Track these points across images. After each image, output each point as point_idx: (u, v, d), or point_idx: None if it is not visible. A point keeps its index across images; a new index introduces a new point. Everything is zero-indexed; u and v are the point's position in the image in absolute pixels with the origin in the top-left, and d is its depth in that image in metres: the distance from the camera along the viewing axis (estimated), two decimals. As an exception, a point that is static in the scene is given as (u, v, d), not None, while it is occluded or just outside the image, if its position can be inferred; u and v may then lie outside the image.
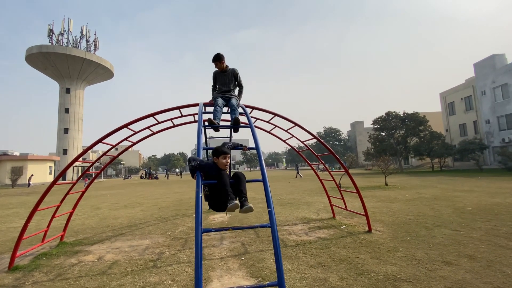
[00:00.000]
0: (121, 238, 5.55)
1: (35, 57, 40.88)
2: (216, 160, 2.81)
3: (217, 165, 2.80)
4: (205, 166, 2.73)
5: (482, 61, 30.21)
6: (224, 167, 2.79)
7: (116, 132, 4.72)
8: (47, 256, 4.47)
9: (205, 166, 2.73)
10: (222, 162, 2.79)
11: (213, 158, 2.86)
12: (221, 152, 2.79)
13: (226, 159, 2.82)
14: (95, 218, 8.01)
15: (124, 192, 17.47)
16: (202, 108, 4.18)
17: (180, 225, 6.55)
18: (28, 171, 32.29)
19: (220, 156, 2.80)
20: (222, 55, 4.14)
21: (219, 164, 2.79)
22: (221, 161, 2.78)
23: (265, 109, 5.63)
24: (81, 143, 45.16)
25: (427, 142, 31.44)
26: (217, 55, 4.11)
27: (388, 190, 12.17)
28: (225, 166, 2.79)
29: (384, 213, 6.98)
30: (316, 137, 5.95)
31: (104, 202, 12.18)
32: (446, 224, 5.57)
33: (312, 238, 4.97)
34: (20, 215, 9.05)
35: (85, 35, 44.39)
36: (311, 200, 9.93)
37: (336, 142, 68.72)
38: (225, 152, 2.80)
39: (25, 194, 18.83)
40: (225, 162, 2.79)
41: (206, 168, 2.72)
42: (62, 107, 43.15)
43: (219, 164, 2.79)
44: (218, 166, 2.79)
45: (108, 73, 48.01)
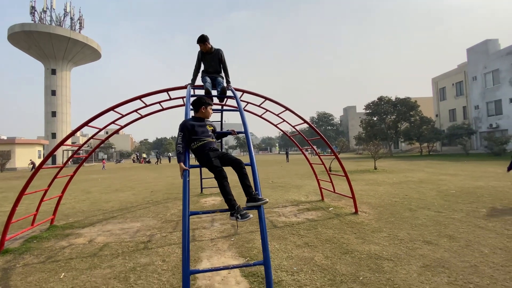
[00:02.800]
0: (112, 221, 5.58)
1: (17, 36, 38.78)
2: (204, 110, 2.95)
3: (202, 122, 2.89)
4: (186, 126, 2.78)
5: (475, 46, 30.24)
6: (209, 116, 3.01)
7: (104, 115, 4.63)
8: (37, 239, 4.49)
9: (187, 126, 2.78)
10: (204, 113, 2.96)
11: (200, 108, 2.96)
12: (202, 103, 2.96)
13: (208, 109, 2.99)
14: (86, 202, 8.00)
15: (115, 176, 17.39)
16: (190, 90, 4.10)
17: (171, 208, 6.62)
18: (16, 155, 31.62)
19: (209, 106, 2.98)
20: (206, 36, 4.15)
21: (202, 115, 2.96)
22: (202, 112, 2.96)
23: (256, 93, 5.57)
24: (70, 127, 44.11)
25: (417, 127, 31.96)
26: (202, 37, 4.13)
27: (377, 174, 12.47)
28: (208, 115, 3.00)
29: (371, 196, 7.19)
30: (306, 122, 5.96)
31: (95, 186, 12.13)
32: (429, 206, 5.79)
33: (301, 220, 5.11)
34: (10, 199, 8.96)
35: (69, 13, 42.13)
36: (301, 184, 10.11)
37: (328, 127, 69.08)
38: (204, 101, 2.96)
39: (14, 178, 18.55)
40: (211, 112, 3.03)
41: (189, 128, 2.78)
42: (48, 90, 41.64)
43: (203, 115, 2.97)
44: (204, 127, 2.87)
45: (95, 53, 46.15)
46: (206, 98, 3.01)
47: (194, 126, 2.80)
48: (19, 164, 31.70)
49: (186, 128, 2.77)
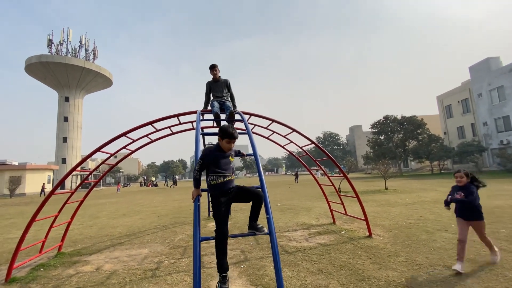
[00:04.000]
0: (119, 247, 5.49)
1: (34, 66, 41.10)
2: (220, 141, 2.73)
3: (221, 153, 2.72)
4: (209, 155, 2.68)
5: (477, 64, 30.53)
6: (227, 150, 2.74)
7: (115, 141, 4.73)
8: (44, 267, 4.42)
9: (209, 156, 2.68)
10: (226, 146, 2.71)
11: (218, 139, 2.79)
12: (228, 135, 2.69)
13: (231, 144, 2.74)
14: (93, 227, 7.94)
15: (123, 201, 17.36)
16: (200, 115, 4.21)
17: (179, 233, 6.50)
18: (26, 180, 32.13)
19: (225, 139, 2.70)
20: (217, 65, 4.73)
21: (222, 146, 2.72)
22: (225, 144, 2.70)
23: (262, 115, 5.65)
24: (80, 152, 45.05)
25: (426, 145, 31.52)
26: (214, 64, 4.68)
27: (388, 194, 12.14)
28: (228, 149, 2.74)
29: (384, 218, 6.95)
30: (314, 143, 5.96)
31: (102, 211, 12.10)
32: (446, 227, 5.55)
33: (312, 244, 4.94)
34: (18, 226, 8.97)
35: (84, 44, 44.77)
36: (311, 206, 9.89)
37: (335, 147, 68.74)
38: (233, 137, 2.70)
39: (23, 204, 18.70)
40: (229, 147, 2.76)
41: (210, 158, 2.68)
42: (61, 116, 43.19)
43: (223, 146, 2.72)
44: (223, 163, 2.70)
45: (107, 81, 48.24)
46: (232, 132, 2.71)
47: (217, 158, 2.68)
48: (28, 190, 32.11)
49: (208, 157, 2.68)
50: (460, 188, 3.72)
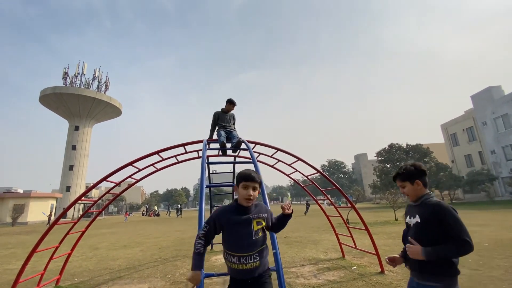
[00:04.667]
0: (118, 281, 5.25)
1: (48, 97, 43.02)
2: (235, 190, 1.89)
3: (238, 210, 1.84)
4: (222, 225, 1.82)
5: (479, 93, 30.97)
6: (245, 202, 1.81)
7: (121, 170, 4.76)
8: (39, 303, 4.21)
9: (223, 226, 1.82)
10: (242, 194, 1.83)
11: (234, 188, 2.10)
12: (244, 177, 1.85)
13: (249, 189, 1.81)
14: (93, 259, 7.68)
15: (124, 231, 16.96)
16: (206, 144, 4.27)
17: (180, 267, 6.23)
18: (30, 209, 31.90)
19: (241, 183, 1.85)
20: (236, 103, 5.02)
21: (239, 199, 1.86)
22: (241, 192, 1.84)
23: (267, 144, 5.70)
24: (84, 180, 45.18)
25: (434, 173, 30.90)
26: (234, 101, 4.98)
27: (399, 226, 11.64)
28: (246, 201, 1.81)
29: (396, 251, 6.56)
30: (320, 172, 5.91)
31: (103, 241, 11.78)
32: (463, 262, 5.22)
33: (322, 281, 4.65)
34: (18, 256, 8.72)
35: (97, 77, 47.13)
36: (319, 238, 9.50)
37: (341, 175, 67.66)
38: (250, 178, 1.83)
39: (25, 233, 18.37)
40: (246, 193, 1.81)
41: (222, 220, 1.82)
42: (70, 144, 44.09)
43: (239, 197, 1.86)
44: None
45: (117, 111, 49.87)
46: (249, 172, 1.87)
47: (233, 224, 1.78)
48: (31, 218, 31.72)
49: (219, 222, 1.82)
50: None
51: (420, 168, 1.95)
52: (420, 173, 1.93)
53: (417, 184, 1.92)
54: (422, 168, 1.95)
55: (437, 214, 1.74)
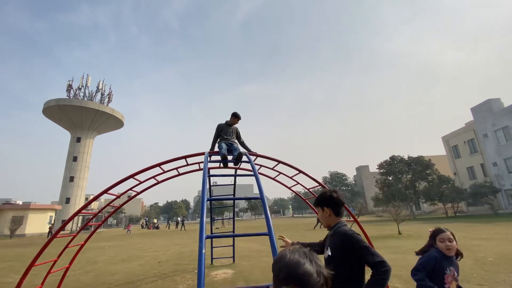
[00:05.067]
0: (116, 297, 5.14)
1: (52, 109, 43.51)
2: None
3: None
4: None
5: (479, 105, 31.19)
6: None
7: (120, 182, 4.77)
8: (35, 319, 4.12)
9: None
10: None
11: None
12: None
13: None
14: (90, 273, 7.54)
15: (123, 244, 16.71)
16: (208, 157, 4.29)
17: (180, 282, 6.10)
18: (28, 221, 31.60)
19: None
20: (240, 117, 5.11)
21: None
22: None
23: (269, 157, 5.71)
24: (84, 192, 44.92)
25: (437, 186, 30.63)
26: (239, 115, 5.07)
27: (403, 240, 11.46)
28: None
29: (401, 266, 6.46)
30: (321, 184, 5.89)
31: (101, 255, 11.60)
32: (469, 278, 5.11)
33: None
34: (15, 269, 8.58)
35: (101, 89, 47.80)
36: (320, 251, 9.33)
37: (343, 187, 67.11)
38: None
39: (22, 245, 18.12)
40: None
41: None
42: (71, 156, 44.14)
43: None
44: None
45: (119, 122, 50.25)
46: None
47: None
48: (29, 231, 31.38)
49: None
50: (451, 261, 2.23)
51: (330, 195, 1.85)
52: (329, 201, 1.84)
53: (326, 212, 1.85)
54: (332, 196, 1.85)
55: (345, 243, 1.66)
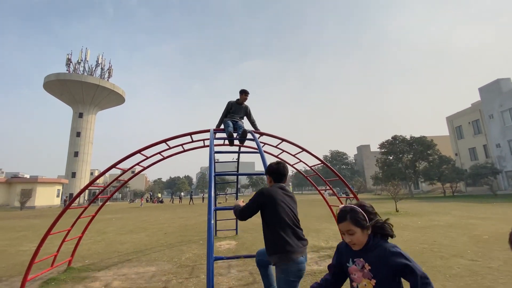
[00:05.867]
0: (127, 264, 5.48)
1: (52, 84, 43.10)
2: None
3: None
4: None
5: (487, 85, 30.44)
6: None
7: (128, 157, 4.88)
8: (55, 281, 4.44)
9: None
10: None
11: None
12: None
13: None
14: (101, 243, 7.96)
15: (129, 217, 17.37)
16: (213, 134, 4.35)
17: (186, 251, 6.45)
18: (37, 193, 32.62)
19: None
20: (248, 92, 4.97)
21: None
22: None
23: (273, 135, 5.76)
24: (89, 166, 45.82)
25: (437, 166, 30.86)
26: (246, 91, 4.94)
27: (399, 217, 11.80)
28: None
29: (396, 241, 6.71)
30: (324, 162, 5.99)
31: (110, 226, 12.12)
32: (462, 253, 5.35)
33: (323, 268, 4.82)
34: (29, 239, 9.06)
35: (100, 64, 46.93)
36: (320, 227, 9.69)
37: (343, 166, 67.83)
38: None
39: (33, 217, 18.90)
40: None
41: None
42: (74, 131, 44.48)
43: None
44: None
45: (120, 98, 49.92)
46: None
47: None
48: (38, 203, 32.50)
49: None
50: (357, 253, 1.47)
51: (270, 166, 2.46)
52: (269, 170, 2.43)
53: (268, 178, 2.44)
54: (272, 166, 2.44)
55: None
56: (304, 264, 2.03)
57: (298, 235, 2.09)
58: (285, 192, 2.26)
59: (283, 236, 1.95)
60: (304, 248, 2.08)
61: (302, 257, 2.03)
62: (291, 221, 2.10)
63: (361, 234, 1.36)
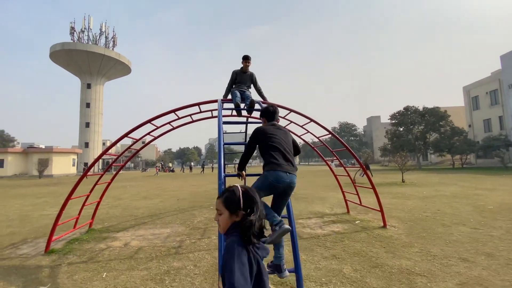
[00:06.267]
0: (143, 226, 5.89)
1: (58, 54, 42.63)
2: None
3: None
4: None
5: (510, 53, 28.49)
6: None
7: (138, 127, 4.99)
8: (78, 241, 4.85)
9: None
10: None
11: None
12: None
13: None
14: (118, 208, 8.47)
15: (142, 184, 18.17)
16: (221, 104, 4.35)
17: (198, 215, 6.84)
18: (53, 163, 34.08)
19: None
20: (250, 57, 4.69)
21: None
22: None
23: (281, 105, 5.70)
24: (101, 137, 46.95)
25: (448, 138, 30.28)
26: (247, 56, 4.67)
27: (405, 187, 11.96)
28: None
29: (400, 210, 6.93)
30: (331, 133, 5.98)
31: (125, 193, 12.77)
32: (464, 222, 5.49)
33: (326, 232, 5.07)
34: (50, 204, 9.70)
35: (104, 32, 45.71)
36: (326, 196, 9.97)
37: (351, 138, 67.34)
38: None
39: (52, 184, 20.01)
40: None
41: None
42: (84, 102, 44.91)
43: None
44: None
45: (126, 68, 49.32)
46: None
47: None
48: (55, 171, 34.10)
49: None
50: None
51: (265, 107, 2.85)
52: (264, 112, 2.80)
53: (263, 119, 2.84)
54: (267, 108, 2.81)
55: None
56: (286, 179, 2.32)
57: (287, 157, 2.42)
58: (276, 127, 2.64)
59: (273, 156, 2.36)
60: (290, 167, 2.38)
61: (286, 173, 2.34)
62: (281, 147, 2.45)
63: (228, 217, 1.23)
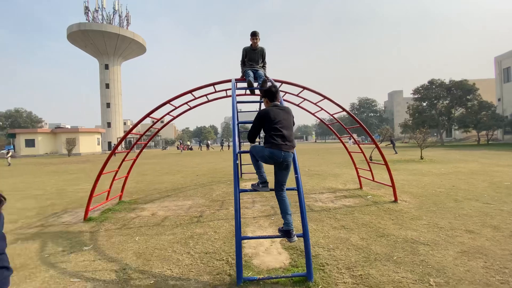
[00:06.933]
0: (167, 199, 6.43)
1: (75, 35, 43.34)
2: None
3: None
4: None
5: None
6: None
7: (159, 107, 5.30)
8: (111, 211, 5.44)
9: None
10: None
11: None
12: None
13: None
14: (143, 182, 9.15)
15: (164, 162, 19.11)
16: (235, 84, 4.52)
17: (216, 190, 7.31)
18: (80, 142, 36.20)
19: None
20: (258, 32, 4.60)
21: None
22: None
23: (294, 83, 5.77)
24: (121, 117, 48.73)
25: (475, 113, 28.65)
26: (255, 32, 4.60)
27: (423, 164, 11.82)
28: None
29: (414, 186, 7.01)
30: (345, 110, 6.00)
31: (148, 169, 13.60)
32: (477, 197, 5.52)
33: (337, 205, 5.32)
34: (82, 179, 10.61)
35: (117, 11, 45.62)
36: (339, 172, 10.13)
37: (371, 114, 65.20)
38: None
39: (81, 162, 21.50)
40: None
41: None
42: (103, 83, 46.22)
43: None
44: None
45: (141, 48, 49.54)
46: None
47: None
48: (82, 150, 36.32)
49: None
50: None
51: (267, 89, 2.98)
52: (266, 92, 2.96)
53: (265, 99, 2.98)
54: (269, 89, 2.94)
55: None
56: (279, 156, 2.64)
57: (285, 138, 2.69)
58: (278, 108, 2.85)
59: (274, 137, 2.63)
60: (286, 147, 2.68)
61: (281, 152, 2.64)
62: (282, 129, 2.70)
63: None
